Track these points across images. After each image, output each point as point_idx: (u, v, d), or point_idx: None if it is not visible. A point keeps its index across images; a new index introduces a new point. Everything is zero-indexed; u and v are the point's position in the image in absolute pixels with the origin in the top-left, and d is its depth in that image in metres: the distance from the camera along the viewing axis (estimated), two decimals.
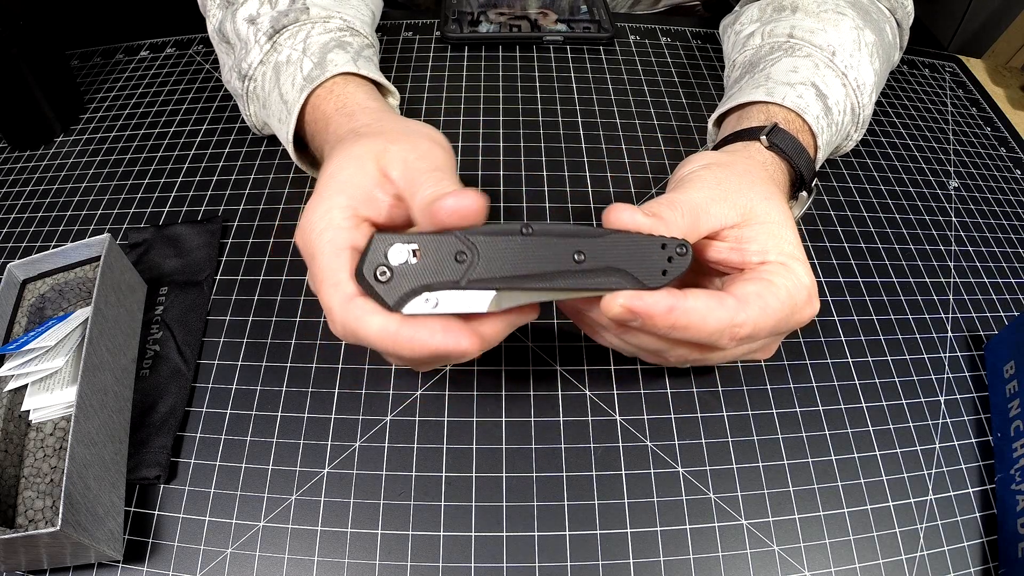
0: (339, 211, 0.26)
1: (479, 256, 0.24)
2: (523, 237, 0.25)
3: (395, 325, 0.24)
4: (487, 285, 0.24)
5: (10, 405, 0.32)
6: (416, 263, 0.24)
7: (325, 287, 0.25)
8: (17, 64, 0.45)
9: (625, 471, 0.33)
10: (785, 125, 0.37)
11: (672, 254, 0.26)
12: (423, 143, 0.29)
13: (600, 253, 0.25)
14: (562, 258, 0.25)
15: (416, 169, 0.27)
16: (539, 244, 0.25)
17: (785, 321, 0.28)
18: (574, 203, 0.45)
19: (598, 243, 0.25)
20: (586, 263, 0.25)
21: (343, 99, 0.36)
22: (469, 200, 0.24)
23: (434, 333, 0.24)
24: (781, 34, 0.43)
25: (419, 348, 0.24)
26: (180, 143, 0.49)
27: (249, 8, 0.41)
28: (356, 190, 0.27)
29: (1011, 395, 0.35)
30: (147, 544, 0.31)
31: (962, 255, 0.45)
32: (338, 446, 0.34)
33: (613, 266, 0.25)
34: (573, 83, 0.54)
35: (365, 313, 0.24)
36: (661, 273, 0.26)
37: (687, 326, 0.25)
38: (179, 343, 0.37)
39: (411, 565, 0.30)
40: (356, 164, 0.28)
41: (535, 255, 0.25)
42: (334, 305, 0.25)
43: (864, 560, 0.31)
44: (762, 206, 0.29)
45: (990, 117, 0.57)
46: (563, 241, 0.25)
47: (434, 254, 0.24)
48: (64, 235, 0.43)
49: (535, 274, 0.25)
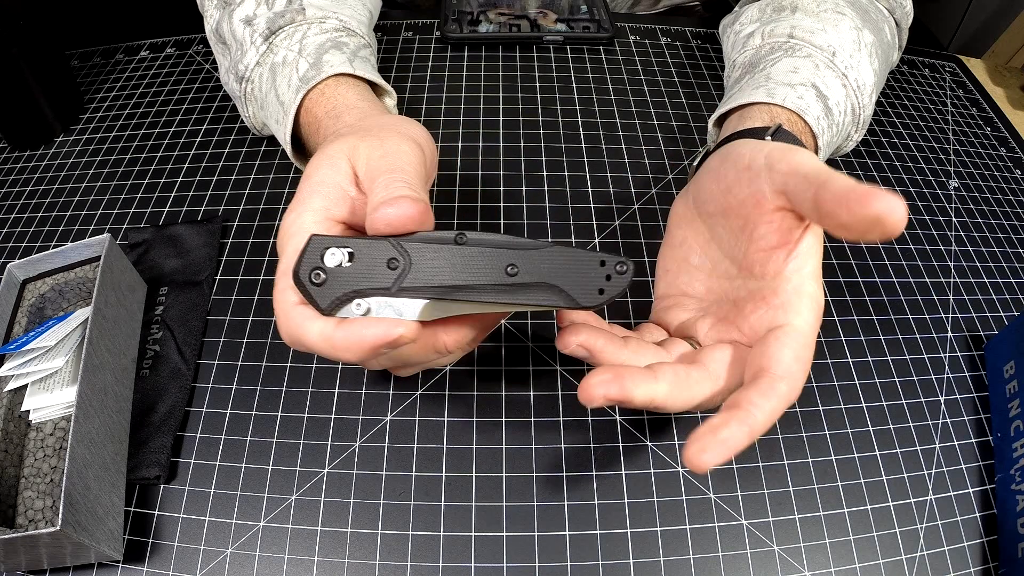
0: (311, 214, 0.26)
1: (411, 264, 0.24)
2: (456, 246, 0.24)
3: (331, 329, 0.24)
4: (418, 294, 0.24)
5: (10, 405, 0.32)
6: (350, 267, 0.24)
7: (275, 292, 0.25)
8: (17, 64, 0.45)
9: (625, 471, 0.33)
10: (788, 126, 0.37)
11: (611, 272, 0.24)
12: (392, 140, 0.28)
13: (534, 267, 0.24)
14: (494, 270, 0.24)
15: (374, 169, 0.27)
16: (472, 254, 0.24)
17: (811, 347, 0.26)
18: (574, 203, 0.45)
19: (533, 256, 0.24)
20: (518, 276, 0.24)
21: (333, 101, 0.36)
22: (401, 209, 0.24)
23: (366, 327, 0.23)
24: (781, 34, 0.43)
25: (356, 347, 0.23)
26: (180, 143, 0.49)
27: (245, 9, 0.41)
28: (329, 189, 0.27)
29: (1011, 395, 0.35)
30: (147, 544, 0.31)
31: (962, 255, 0.45)
32: (338, 446, 0.34)
33: (546, 281, 0.24)
34: (573, 83, 0.54)
35: (305, 320, 0.24)
36: (598, 292, 0.24)
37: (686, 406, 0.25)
38: (179, 343, 0.37)
39: (411, 565, 0.30)
40: (328, 163, 0.28)
41: (467, 265, 0.24)
42: (279, 312, 0.25)
43: (864, 560, 0.31)
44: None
45: (990, 117, 0.57)
46: (496, 252, 0.24)
47: (367, 259, 0.24)
48: (64, 235, 0.43)
49: (466, 285, 0.24)
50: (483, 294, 0.24)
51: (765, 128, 0.36)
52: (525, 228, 0.43)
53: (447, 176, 0.46)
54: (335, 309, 0.24)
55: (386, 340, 0.23)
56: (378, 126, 0.31)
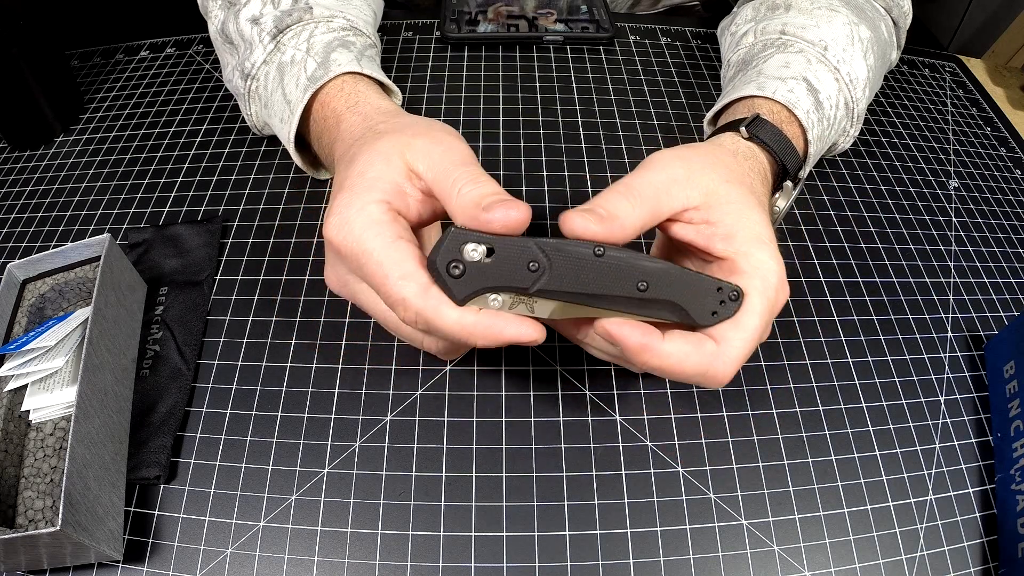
0: (375, 206, 0.27)
1: (551, 269, 0.25)
2: (595, 258, 0.25)
3: (471, 317, 0.25)
4: (553, 296, 0.25)
5: (10, 405, 0.32)
6: (489, 263, 0.25)
7: (392, 279, 0.25)
8: (17, 64, 0.45)
9: (625, 471, 0.33)
10: (769, 116, 0.37)
11: (725, 298, 0.27)
12: (444, 137, 0.29)
13: (662, 285, 0.26)
14: (627, 284, 0.26)
15: (445, 163, 0.27)
16: (609, 267, 0.25)
17: (768, 324, 0.28)
18: (574, 203, 0.44)
19: (661, 275, 0.26)
20: (648, 292, 0.26)
21: (355, 97, 0.36)
22: (518, 213, 0.25)
23: (509, 323, 0.25)
24: (773, 31, 0.44)
25: (492, 338, 0.25)
26: (180, 143, 0.49)
27: (252, 8, 0.41)
28: (387, 185, 0.27)
29: (1011, 395, 0.35)
30: (147, 544, 0.31)
31: (962, 255, 0.45)
32: (338, 446, 0.34)
33: (671, 300, 0.26)
34: (573, 83, 0.54)
35: (441, 303, 0.25)
36: (711, 314, 0.27)
37: (659, 367, 0.26)
38: (179, 343, 0.37)
39: (411, 565, 0.30)
40: (383, 160, 0.28)
41: (603, 276, 0.25)
42: (409, 295, 0.25)
43: (864, 560, 0.31)
44: (723, 188, 0.29)
45: (990, 117, 0.57)
46: (631, 268, 0.26)
47: (508, 258, 0.25)
48: (64, 235, 0.43)
49: (600, 295, 0.26)
50: (615, 304, 0.26)
51: (744, 119, 0.36)
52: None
53: None
54: (468, 300, 0.25)
55: (521, 339, 0.25)
56: (422, 124, 0.31)
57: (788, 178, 0.37)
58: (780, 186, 0.36)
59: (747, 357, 0.27)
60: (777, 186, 0.37)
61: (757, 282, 0.27)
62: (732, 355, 0.26)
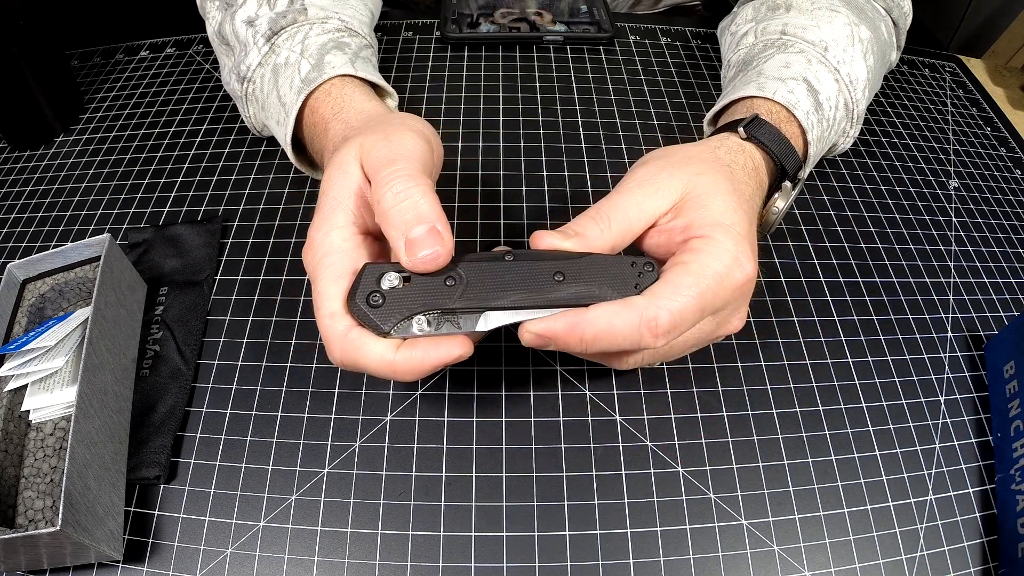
0: (338, 232, 0.27)
1: (467, 280, 0.26)
2: (508, 261, 0.26)
3: (391, 354, 0.25)
4: (477, 307, 0.26)
5: (10, 405, 0.32)
6: (407, 288, 0.26)
7: (321, 316, 0.26)
8: (17, 64, 0.45)
9: (625, 471, 0.33)
10: (768, 116, 0.37)
11: (641, 270, 0.27)
12: (396, 133, 0.29)
13: (577, 272, 0.27)
14: (544, 277, 0.26)
15: (377, 159, 0.27)
16: (522, 266, 0.26)
17: (713, 293, 0.27)
18: (574, 203, 0.45)
19: (574, 264, 0.27)
20: (566, 280, 0.26)
21: (340, 102, 0.36)
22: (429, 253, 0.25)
23: (428, 350, 0.25)
24: (774, 31, 0.44)
25: (417, 369, 0.25)
26: (180, 143, 0.49)
27: (248, 10, 0.41)
28: (348, 201, 0.28)
29: (1011, 395, 0.35)
30: (147, 544, 0.31)
31: (962, 255, 0.45)
32: (338, 446, 0.34)
33: (590, 281, 0.27)
34: (573, 83, 0.54)
35: (364, 344, 0.25)
36: (633, 287, 0.27)
37: (597, 337, 0.26)
38: (179, 343, 0.37)
39: (411, 565, 0.30)
40: (341, 173, 0.28)
41: (519, 276, 0.26)
42: (333, 337, 0.26)
43: (864, 560, 0.31)
44: (692, 181, 0.29)
45: (990, 117, 0.57)
46: (543, 264, 0.27)
47: (425, 280, 0.26)
48: (64, 235, 0.43)
49: (521, 294, 0.26)
50: (538, 302, 0.26)
51: (742, 120, 0.36)
52: (525, 228, 0.43)
53: (447, 176, 0.46)
54: (395, 329, 0.26)
55: (445, 362, 0.25)
56: (385, 122, 0.31)
57: (787, 179, 0.37)
58: (779, 186, 0.36)
59: (688, 312, 0.26)
60: (776, 186, 0.37)
61: (703, 256, 0.27)
62: (664, 304, 0.26)
